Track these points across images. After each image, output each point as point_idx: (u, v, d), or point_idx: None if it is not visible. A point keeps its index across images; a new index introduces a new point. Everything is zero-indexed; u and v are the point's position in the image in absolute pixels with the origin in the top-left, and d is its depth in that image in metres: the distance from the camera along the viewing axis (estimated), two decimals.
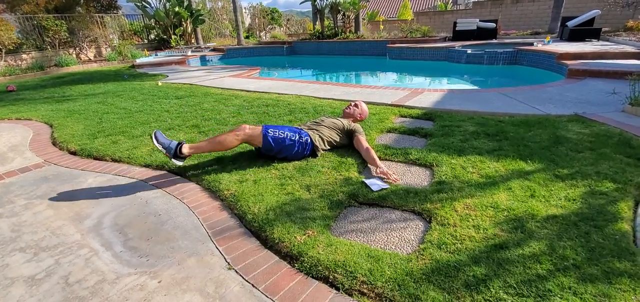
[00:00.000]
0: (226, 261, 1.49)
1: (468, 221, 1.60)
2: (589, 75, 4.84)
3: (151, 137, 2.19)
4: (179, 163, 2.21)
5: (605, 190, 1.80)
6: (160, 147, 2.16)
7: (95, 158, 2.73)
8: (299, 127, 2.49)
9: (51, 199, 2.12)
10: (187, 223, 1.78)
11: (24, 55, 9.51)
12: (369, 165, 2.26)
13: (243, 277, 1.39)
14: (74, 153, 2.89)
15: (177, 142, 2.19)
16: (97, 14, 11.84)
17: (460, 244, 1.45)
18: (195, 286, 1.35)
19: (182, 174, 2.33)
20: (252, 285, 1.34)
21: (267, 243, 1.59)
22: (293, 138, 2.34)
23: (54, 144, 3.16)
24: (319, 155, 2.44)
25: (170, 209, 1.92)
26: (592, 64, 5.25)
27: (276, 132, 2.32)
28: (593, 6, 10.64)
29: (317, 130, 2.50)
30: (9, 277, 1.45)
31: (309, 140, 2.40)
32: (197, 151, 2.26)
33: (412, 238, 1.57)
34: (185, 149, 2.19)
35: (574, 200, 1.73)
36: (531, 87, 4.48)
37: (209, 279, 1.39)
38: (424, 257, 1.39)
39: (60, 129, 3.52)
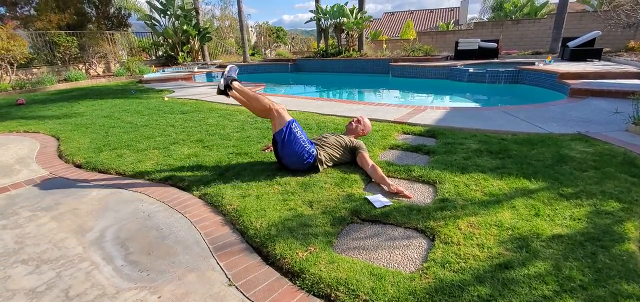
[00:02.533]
0: (227, 277, 1.47)
1: (472, 240, 1.58)
2: (591, 94, 4.86)
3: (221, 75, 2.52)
4: (222, 87, 2.49)
5: (611, 209, 1.78)
6: (221, 77, 2.50)
7: (100, 171, 2.76)
8: (310, 140, 2.55)
9: (55, 211, 2.13)
10: (189, 238, 1.78)
11: (35, 70, 9.76)
12: (379, 184, 2.26)
13: (244, 294, 1.37)
14: (79, 166, 2.92)
15: (232, 78, 2.52)
16: (107, 31, 12.20)
17: (464, 263, 1.43)
18: None
19: (185, 188, 2.34)
20: None
21: (269, 259, 1.57)
22: (304, 144, 2.40)
23: (60, 156, 3.20)
24: (322, 170, 2.45)
25: (172, 223, 1.92)
26: (594, 84, 5.28)
27: (297, 130, 2.42)
28: (593, 27, 10.79)
29: (320, 146, 2.52)
30: (10, 289, 1.45)
31: (314, 152, 2.43)
32: (240, 92, 2.49)
33: (415, 256, 1.55)
34: (236, 84, 2.50)
35: (580, 219, 1.71)
36: (533, 105, 4.50)
37: (209, 295, 1.37)
38: (427, 276, 1.37)
39: (67, 142, 3.57)
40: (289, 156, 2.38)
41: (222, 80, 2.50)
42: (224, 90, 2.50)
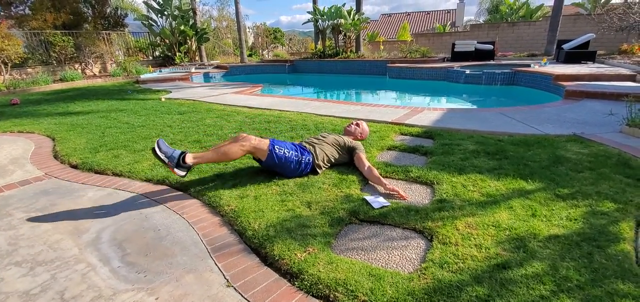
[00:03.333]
0: (225, 278, 1.47)
1: (470, 240, 1.59)
2: (586, 96, 4.91)
3: (153, 150, 2.06)
4: (182, 173, 2.12)
5: (606, 210, 1.80)
6: (162, 156, 2.05)
7: (97, 172, 2.74)
8: (302, 145, 2.50)
9: (50, 212, 2.11)
10: (186, 239, 1.77)
11: (30, 70, 9.66)
12: (374, 185, 2.26)
13: (242, 295, 1.36)
14: (75, 167, 2.89)
15: (180, 151, 2.12)
16: (104, 31, 12.11)
17: (462, 263, 1.44)
18: None
19: (183, 189, 2.33)
20: None
21: (267, 260, 1.57)
22: (295, 158, 2.34)
23: (56, 157, 3.17)
24: (320, 173, 2.45)
25: (170, 224, 1.91)
26: (588, 86, 5.33)
27: (282, 150, 2.31)
28: (588, 30, 10.91)
29: (318, 146, 2.52)
30: (4, 292, 1.43)
31: (310, 159, 2.41)
32: (201, 161, 2.20)
33: (414, 257, 1.55)
34: (189, 159, 2.12)
35: (576, 220, 1.73)
36: (529, 107, 4.54)
37: (207, 296, 1.37)
38: (425, 276, 1.38)
39: (62, 142, 3.54)
40: (287, 173, 2.37)
41: (167, 161, 2.07)
42: (183, 168, 2.12)
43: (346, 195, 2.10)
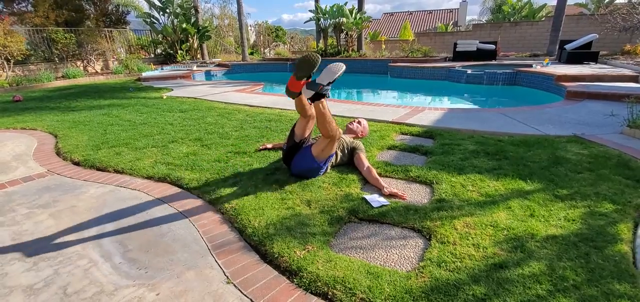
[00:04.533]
0: (225, 275, 1.48)
1: (468, 240, 1.60)
2: (588, 97, 4.90)
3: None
4: (308, 92, 2.06)
5: (605, 211, 1.81)
6: (321, 77, 2.02)
7: (98, 169, 2.76)
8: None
9: (52, 208, 2.13)
10: (187, 236, 1.79)
11: (32, 66, 9.71)
12: (374, 186, 2.27)
13: (242, 292, 1.38)
14: (77, 163, 2.92)
15: (327, 88, 2.06)
16: (106, 29, 12.15)
17: (460, 262, 1.45)
18: (193, 300, 1.35)
19: (184, 186, 2.35)
20: (250, 300, 1.34)
21: (267, 257, 1.59)
22: (319, 173, 2.36)
23: (58, 154, 3.20)
24: (322, 173, 2.46)
25: (171, 222, 1.93)
26: (590, 87, 5.32)
27: (325, 167, 2.34)
28: (590, 30, 10.86)
29: None
30: (8, 286, 1.45)
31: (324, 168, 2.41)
32: (324, 109, 2.06)
33: (412, 255, 1.56)
34: (322, 103, 2.04)
35: (574, 220, 1.73)
36: (530, 107, 4.53)
37: (207, 292, 1.38)
38: (423, 275, 1.39)
39: (65, 139, 3.56)
40: (301, 172, 2.35)
41: (319, 83, 2.04)
42: (312, 97, 2.05)
43: (346, 194, 2.11)
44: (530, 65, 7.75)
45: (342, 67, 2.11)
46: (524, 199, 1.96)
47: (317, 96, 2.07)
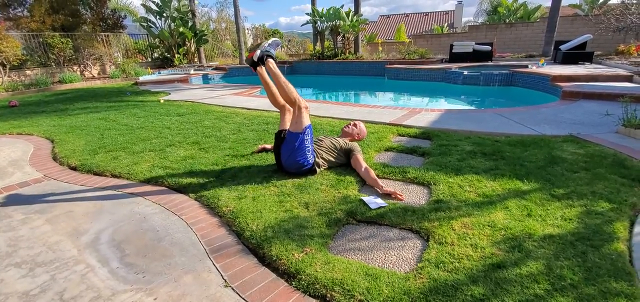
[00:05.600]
0: (223, 279, 1.48)
1: (465, 240, 1.61)
2: (583, 97, 4.94)
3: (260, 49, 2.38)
4: (253, 63, 2.47)
5: (601, 210, 1.82)
6: (259, 50, 2.39)
7: (96, 173, 2.75)
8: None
9: (49, 214, 2.11)
10: (185, 239, 1.78)
11: (28, 72, 9.66)
12: (372, 186, 2.27)
13: (240, 295, 1.38)
14: (74, 168, 2.90)
15: (269, 54, 2.45)
16: (102, 33, 12.12)
17: (458, 263, 1.46)
18: None
19: (182, 190, 2.34)
20: None
21: (265, 260, 1.58)
22: (307, 156, 2.39)
23: (55, 159, 3.18)
24: (318, 172, 2.46)
25: (168, 225, 1.92)
26: (585, 86, 5.37)
27: (307, 140, 2.37)
28: (585, 31, 10.97)
29: (317, 149, 2.53)
30: (3, 293, 1.44)
31: (312, 159, 2.43)
32: (272, 72, 2.44)
33: (410, 257, 1.57)
34: (271, 62, 2.46)
35: (570, 220, 1.74)
36: (526, 108, 4.57)
37: (205, 296, 1.38)
38: (421, 276, 1.39)
39: (61, 144, 3.54)
40: (291, 161, 2.38)
41: (259, 51, 2.41)
42: (256, 62, 2.43)
43: (344, 196, 2.11)
44: (526, 66, 7.80)
45: (279, 40, 2.62)
46: (521, 199, 1.97)
47: (255, 63, 2.44)
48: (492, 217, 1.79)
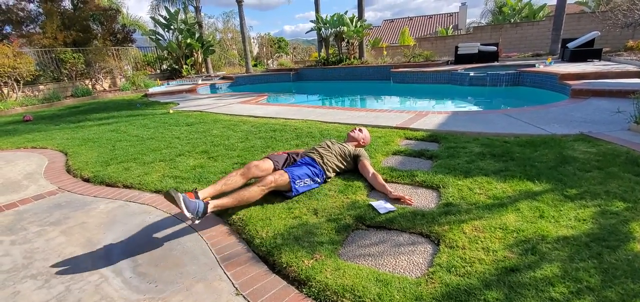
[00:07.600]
0: (234, 287, 1.49)
1: (477, 243, 1.59)
2: (593, 94, 4.86)
3: (173, 198, 1.81)
4: (197, 221, 1.92)
5: (616, 209, 1.78)
6: (189, 215, 1.83)
7: (108, 185, 2.80)
8: (312, 159, 2.46)
9: (63, 225, 2.16)
10: (196, 248, 1.80)
11: (41, 87, 9.95)
12: (380, 192, 2.26)
13: None
14: (87, 180, 2.96)
15: (203, 205, 1.90)
16: (113, 47, 12.43)
17: (470, 267, 1.44)
18: None
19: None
20: None
21: (275, 268, 1.59)
22: (315, 182, 2.33)
23: (68, 171, 3.25)
24: (328, 181, 2.46)
25: (179, 235, 1.94)
26: (595, 84, 5.28)
27: (302, 181, 2.24)
28: (592, 28, 10.81)
29: (325, 157, 2.51)
30: None
31: (323, 176, 2.41)
32: (221, 209, 2.02)
33: (421, 261, 1.55)
34: (210, 207, 1.93)
35: (585, 220, 1.71)
36: (535, 107, 4.51)
37: None
38: (433, 281, 1.38)
39: (75, 156, 3.63)
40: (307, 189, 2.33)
41: (193, 216, 1.85)
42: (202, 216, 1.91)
43: (352, 201, 2.11)
44: (533, 65, 7.71)
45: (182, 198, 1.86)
46: (532, 200, 1.94)
47: (205, 212, 1.91)
48: (503, 219, 1.76)
